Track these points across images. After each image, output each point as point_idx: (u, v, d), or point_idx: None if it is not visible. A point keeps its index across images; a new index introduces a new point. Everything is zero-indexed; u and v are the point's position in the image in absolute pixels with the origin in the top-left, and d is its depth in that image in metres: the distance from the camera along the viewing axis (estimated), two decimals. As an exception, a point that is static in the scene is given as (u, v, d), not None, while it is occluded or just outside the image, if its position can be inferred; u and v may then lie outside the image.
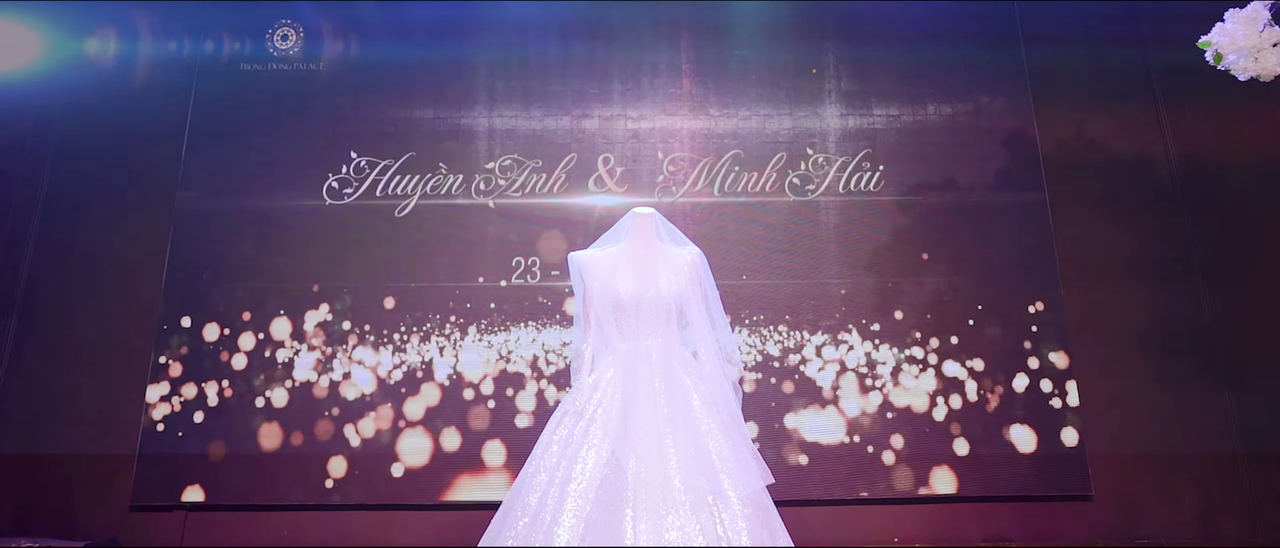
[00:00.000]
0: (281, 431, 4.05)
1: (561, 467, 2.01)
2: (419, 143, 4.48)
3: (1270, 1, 2.56)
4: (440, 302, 4.23)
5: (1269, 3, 2.56)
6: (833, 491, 3.99)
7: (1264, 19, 2.53)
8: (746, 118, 4.56)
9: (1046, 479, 4.00)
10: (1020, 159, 4.47)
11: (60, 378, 4.19)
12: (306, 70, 4.59)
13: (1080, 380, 4.13)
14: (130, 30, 4.69)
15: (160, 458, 4.00)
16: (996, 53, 4.63)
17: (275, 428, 4.06)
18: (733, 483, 1.93)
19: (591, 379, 2.22)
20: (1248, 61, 2.50)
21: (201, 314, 4.20)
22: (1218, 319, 4.26)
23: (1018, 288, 4.27)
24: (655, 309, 2.26)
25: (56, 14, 4.62)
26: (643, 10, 4.69)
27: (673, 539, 1.81)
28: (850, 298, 4.26)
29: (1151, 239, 4.40)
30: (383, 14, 4.70)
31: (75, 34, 4.63)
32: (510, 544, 1.95)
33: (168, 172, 4.47)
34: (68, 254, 4.40)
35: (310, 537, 3.96)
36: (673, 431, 2.00)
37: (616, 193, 4.39)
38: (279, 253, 4.31)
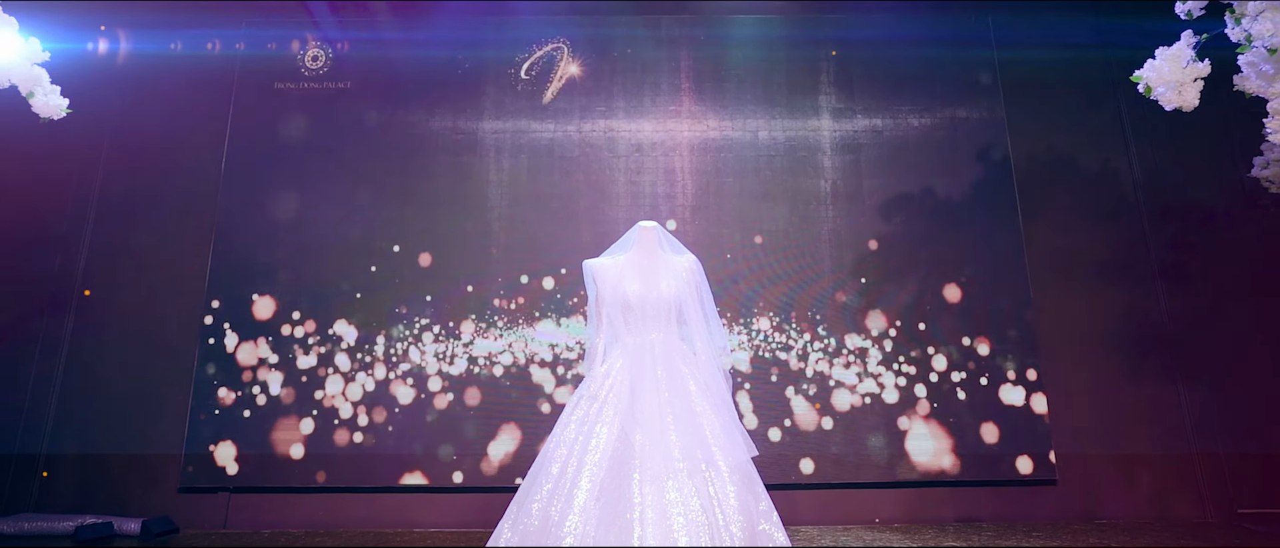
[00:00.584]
0: (314, 420, 4.44)
1: (579, 441, 2.39)
2: (438, 156, 4.86)
3: (1195, 39, 2.94)
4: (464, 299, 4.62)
5: (1194, 40, 2.94)
6: (819, 475, 4.37)
7: (1187, 56, 2.90)
8: (742, 131, 4.94)
9: (1015, 465, 4.37)
10: (994, 171, 4.85)
11: (112, 371, 4.58)
12: (336, 89, 4.97)
13: (1047, 376, 4.51)
14: (172, 52, 5.07)
15: (204, 444, 4.40)
16: (973, 72, 5.00)
17: (308, 418, 4.45)
18: (722, 454, 2.31)
19: (603, 368, 2.59)
20: (1172, 94, 2.87)
21: (241, 313, 4.59)
22: (1174, 320, 4.63)
23: (991, 291, 4.64)
24: (658, 309, 2.64)
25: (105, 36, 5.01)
26: (645, 28, 5.07)
27: (672, 499, 2.19)
28: (838, 300, 4.64)
29: (1115, 245, 4.78)
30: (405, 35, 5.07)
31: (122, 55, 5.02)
32: (537, 505, 2.33)
33: (209, 181, 4.86)
34: (117, 258, 4.80)
35: (342, 518, 4.35)
36: (673, 411, 2.38)
37: (619, 206, 4.77)
38: (314, 260, 4.70)
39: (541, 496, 2.35)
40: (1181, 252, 4.72)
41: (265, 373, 4.51)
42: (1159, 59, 2.94)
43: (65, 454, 4.44)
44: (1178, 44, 2.92)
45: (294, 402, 4.47)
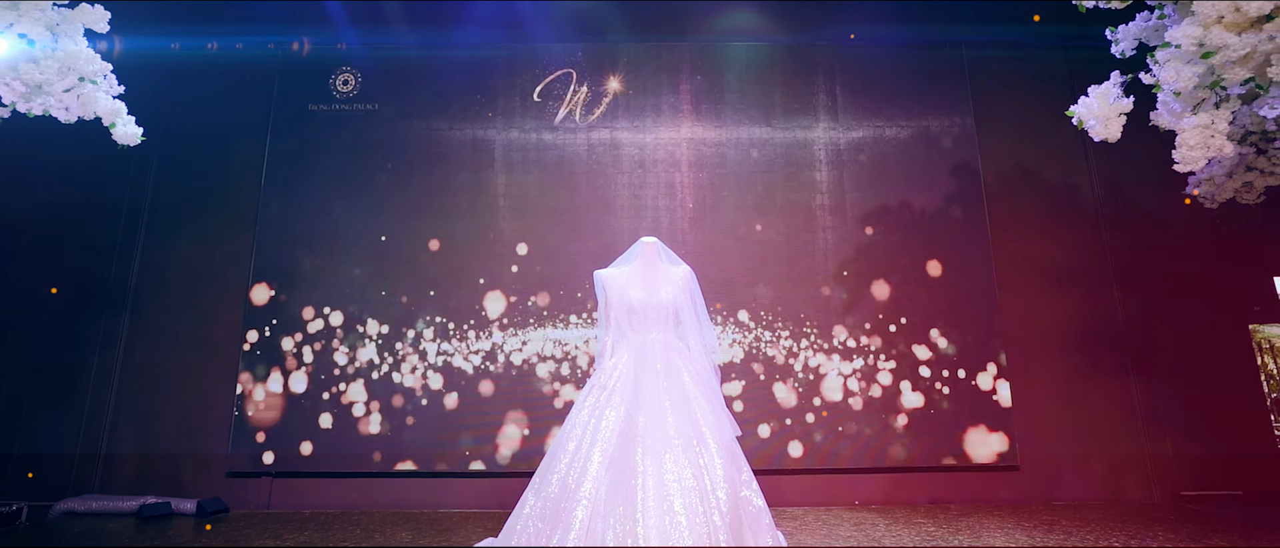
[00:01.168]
0: (348, 411, 4.92)
1: (591, 422, 2.86)
2: (457, 172, 5.34)
3: (1122, 79, 3.40)
4: (482, 304, 5.09)
5: (1121, 80, 3.40)
6: (804, 462, 4.84)
7: (1115, 93, 3.36)
8: (736, 149, 5.40)
9: (981, 453, 4.84)
10: (965, 185, 5.31)
11: (165, 367, 5.06)
12: (364, 110, 5.45)
13: (1012, 372, 4.97)
14: (215, 75, 5.55)
15: (249, 433, 4.88)
16: (946, 93, 5.47)
17: (342, 409, 4.92)
18: (711, 433, 2.77)
19: (612, 363, 3.06)
20: (1100, 127, 3.34)
21: (279, 315, 5.07)
22: (1128, 320, 5.09)
23: (961, 295, 5.11)
24: (658, 312, 3.11)
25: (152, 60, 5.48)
26: (647, 55, 5.54)
27: (669, 470, 2.65)
28: (823, 302, 5.11)
29: (1075, 253, 5.24)
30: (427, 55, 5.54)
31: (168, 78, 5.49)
32: (556, 476, 2.80)
33: (249, 195, 5.34)
34: (167, 265, 5.28)
35: (373, 500, 4.82)
36: (670, 397, 2.84)
37: (624, 218, 5.24)
38: (345, 264, 5.18)
39: (560, 468, 2.83)
40: (1135, 259, 5.19)
41: (301, 368, 4.99)
42: (1091, 97, 3.40)
43: (124, 442, 4.93)
44: (1107, 84, 3.39)
45: (327, 395, 4.94)
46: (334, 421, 4.91)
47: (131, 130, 3.73)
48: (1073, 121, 3.45)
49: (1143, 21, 3.45)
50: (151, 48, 5.41)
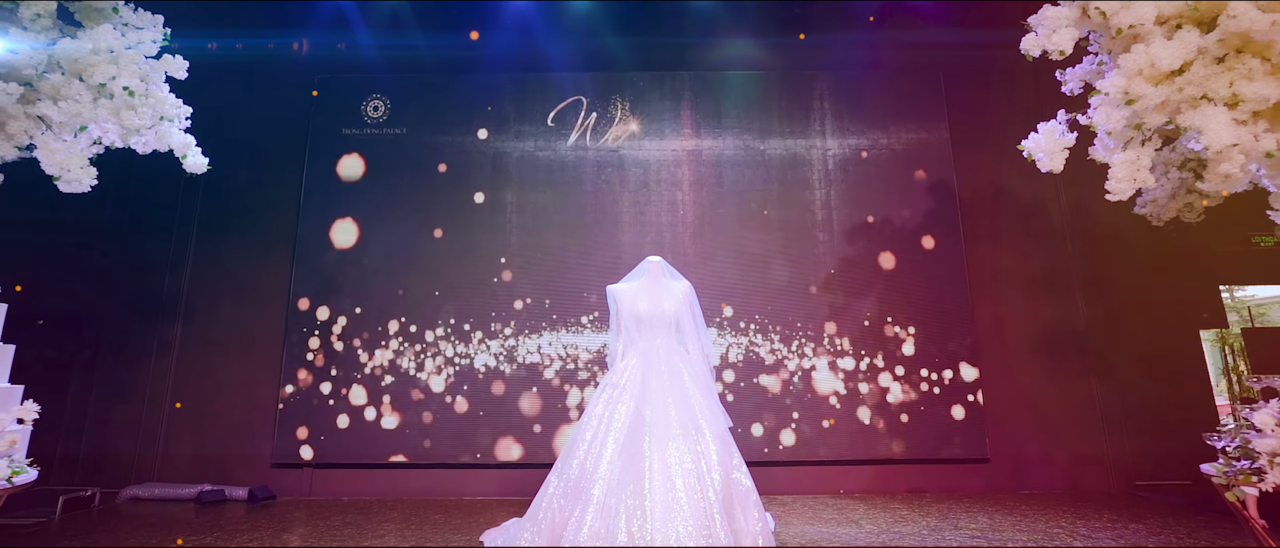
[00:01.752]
0: (379, 407, 5.44)
1: (605, 415, 3.37)
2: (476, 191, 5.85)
3: (1067, 117, 3.90)
4: (502, 310, 5.61)
5: (1066, 118, 3.90)
6: (794, 454, 5.34)
7: (1060, 130, 3.86)
8: (733, 167, 5.91)
9: (954, 446, 5.34)
10: (942, 203, 5.81)
11: (215, 369, 5.59)
12: (395, 135, 5.97)
13: (983, 372, 5.47)
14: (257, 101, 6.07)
15: (291, 428, 5.40)
16: (927, 118, 5.97)
17: (375, 405, 5.44)
18: (707, 424, 3.28)
19: (622, 365, 3.57)
20: (1047, 159, 3.84)
21: (317, 318, 5.59)
22: (1089, 325, 5.59)
23: (938, 303, 5.61)
24: (662, 321, 3.62)
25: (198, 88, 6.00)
26: (651, 84, 6.06)
27: (671, 455, 3.16)
28: (811, 308, 5.61)
29: (1042, 265, 5.74)
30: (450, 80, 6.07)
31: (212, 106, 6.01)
32: (576, 461, 3.31)
33: (289, 210, 5.87)
34: (215, 274, 5.80)
35: (404, 489, 5.33)
36: (672, 394, 3.35)
37: (629, 231, 5.75)
38: (374, 272, 5.70)
39: (579, 454, 3.34)
40: (1097, 270, 5.68)
41: (337, 370, 5.51)
42: (1040, 133, 3.90)
43: (180, 435, 5.46)
44: (1053, 122, 3.89)
45: (361, 394, 5.46)
46: (367, 417, 5.43)
47: (199, 161, 4.24)
48: (1023, 154, 3.95)
49: (1088, 64, 3.95)
50: (198, 77, 5.93)
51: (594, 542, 3.01)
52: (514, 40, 6.08)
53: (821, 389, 5.47)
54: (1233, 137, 2.99)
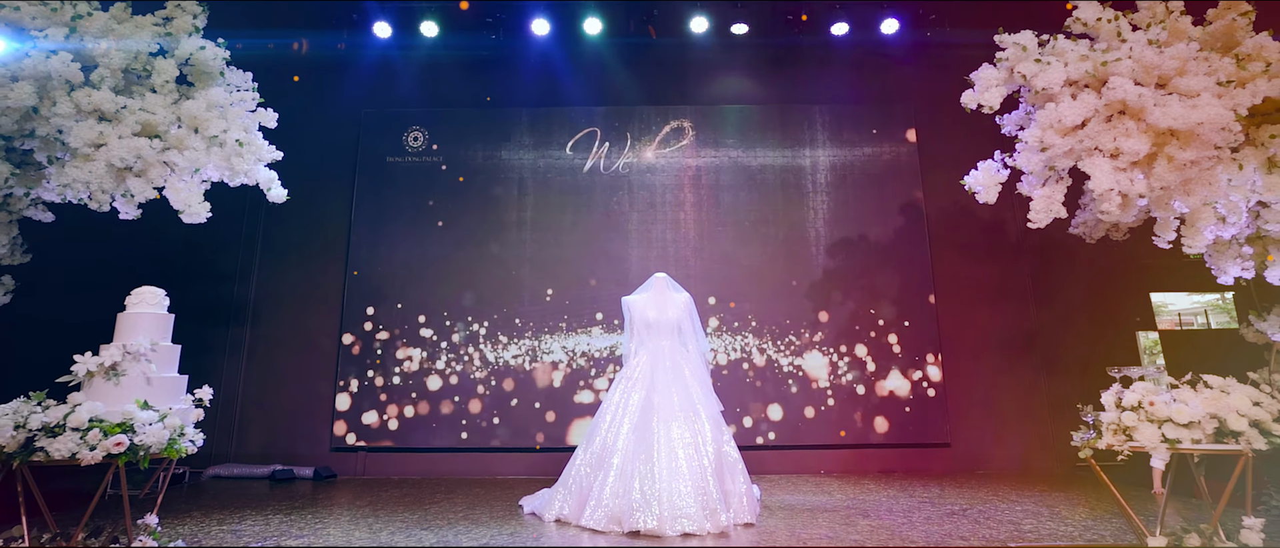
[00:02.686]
0: (422, 399, 6.29)
1: (622, 402, 4.20)
2: (500, 212, 6.71)
3: (1002, 157, 4.71)
4: (526, 314, 6.46)
5: (1001, 158, 4.71)
6: (780, 439, 6.17)
7: (995, 167, 4.68)
8: (730, 190, 6.74)
9: (920, 431, 6.16)
10: (912, 224, 6.63)
11: (280, 363, 6.45)
12: (431, 162, 6.83)
13: (946, 369, 6.29)
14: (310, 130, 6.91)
15: (346, 415, 6.26)
16: (899, 145, 6.78)
17: (418, 396, 6.30)
18: (703, 408, 4.11)
19: (634, 362, 4.40)
20: (985, 193, 4.65)
21: (366, 322, 6.45)
22: (1039, 328, 6.40)
23: (907, 308, 6.43)
24: (667, 326, 4.45)
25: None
26: (657, 117, 6.90)
27: (675, 431, 3.98)
28: (798, 313, 6.44)
29: (999, 275, 6.55)
30: (479, 112, 6.91)
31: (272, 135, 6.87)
32: (598, 439, 4.15)
33: (341, 227, 6.72)
34: (278, 283, 6.66)
35: (444, 469, 6.17)
36: (675, 384, 4.18)
37: (638, 245, 6.59)
38: (417, 282, 6.55)
39: (602, 432, 4.19)
40: (1047, 280, 6.49)
41: (385, 365, 6.36)
42: (979, 171, 4.71)
43: (251, 423, 6.32)
44: (989, 162, 4.70)
45: (405, 385, 6.32)
46: (411, 407, 6.28)
47: (280, 192, 5.08)
48: (965, 188, 4.77)
49: (1021, 111, 4.76)
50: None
51: (614, 500, 3.85)
52: (536, 80, 6.93)
53: (805, 383, 6.30)
54: (1112, 182, 3.81)
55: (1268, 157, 3.97)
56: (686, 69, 7.05)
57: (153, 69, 4.34)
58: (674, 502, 3.76)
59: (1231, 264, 4.36)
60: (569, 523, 4.02)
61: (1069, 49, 4.33)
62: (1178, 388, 3.18)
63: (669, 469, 3.87)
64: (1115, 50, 4.18)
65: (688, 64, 7.05)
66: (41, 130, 3.97)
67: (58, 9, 4.10)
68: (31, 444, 2.86)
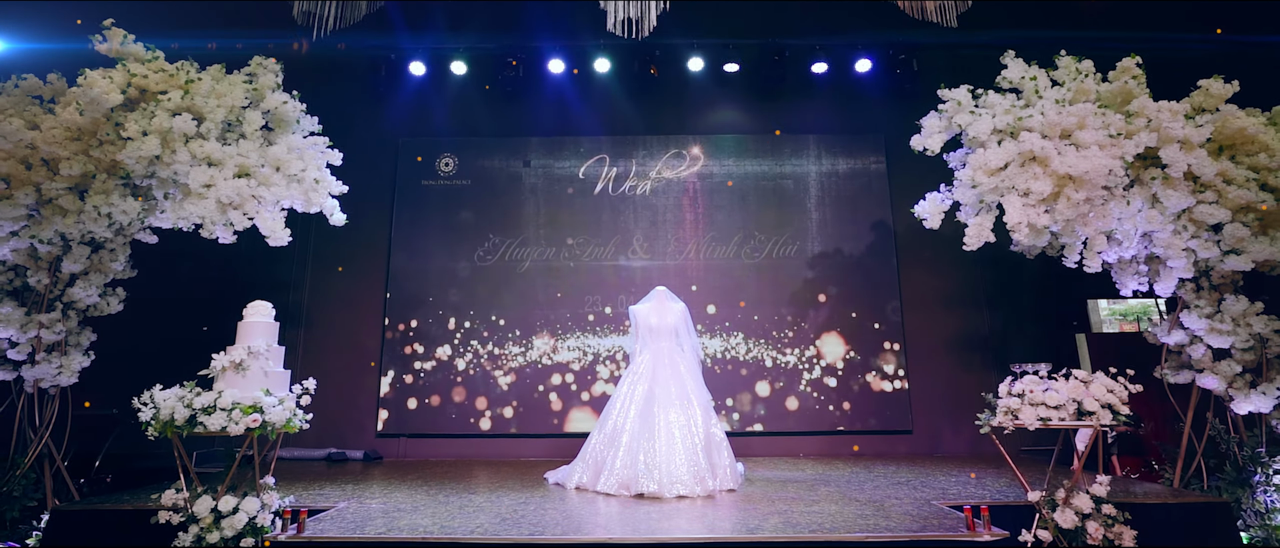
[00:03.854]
0: (454, 392, 7.26)
1: (629, 393, 5.16)
2: (521, 231, 7.67)
3: (946, 190, 5.64)
4: (544, 319, 7.43)
5: (946, 190, 5.64)
6: (766, 427, 7.13)
7: (941, 198, 5.61)
8: (722, 210, 7.70)
9: (886, 420, 7.11)
10: (882, 240, 7.58)
11: (330, 363, 7.42)
12: (461, 185, 7.80)
13: (911, 366, 7.24)
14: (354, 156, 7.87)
15: (388, 406, 7.23)
16: (870, 170, 7.73)
17: (450, 390, 7.26)
18: (695, 398, 5.07)
19: (639, 360, 5.36)
20: (931, 220, 5.59)
21: (406, 327, 7.42)
22: (991, 331, 7.35)
23: (877, 312, 7.38)
24: (666, 330, 5.41)
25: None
26: (659, 146, 7.85)
27: (672, 416, 4.93)
28: (785, 316, 7.39)
29: (957, 284, 7.49)
30: (500, 142, 7.88)
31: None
32: (610, 422, 5.11)
33: (382, 242, 7.69)
34: (327, 293, 7.64)
35: (473, 452, 7.14)
36: (673, 379, 5.13)
37: (642, 260, 7.56)
38: (449, 291, 7.52)
39: (613, 417, 5.16)
40: (999, 290, 7.43)
41: (421, 362, 7.34)
42: (927, 201, 5.65)
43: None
44: (936, 194, 5.63)
45: (438, 379, 7.29)
46: (444, 399, 7.25)
47: (340, 217, 6.04)
48: (915, 215, 5.70)
49: (964, 151, 5.69)
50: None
51: (623, 470, 4.82)
52: (552, 112, 7.90)
53: (788, 378, 7.26)
54: (1022, 216, 4.75)
55: (1151, 194, 4.91)
56: (685, 102, 8.01)
57: (243, 120, 5.30)
58: (670, 471, 4.72)
59: (1130, 279, 5.32)
60: (587, 489, 4.98)
61: (997, 102, 5.27)
62: (1055, 379, 4.12)
63: (667, 446, 4.84)
64: (1032, 106, 5.13)
65: (686, 98, 8.00)
66: (163, 173, 4.93)
67: (174, 74, 5.07)
68: (194, 420, 3.82)
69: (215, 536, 3.70)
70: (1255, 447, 4.77)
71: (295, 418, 4.13)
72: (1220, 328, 4.89)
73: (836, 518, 4.01)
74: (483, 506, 4.48)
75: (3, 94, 5.15)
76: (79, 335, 5.35)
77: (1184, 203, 4.78)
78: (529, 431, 7.21)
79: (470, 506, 4.48)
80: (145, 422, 3.96)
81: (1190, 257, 4.90)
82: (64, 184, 4.90)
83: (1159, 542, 4.08)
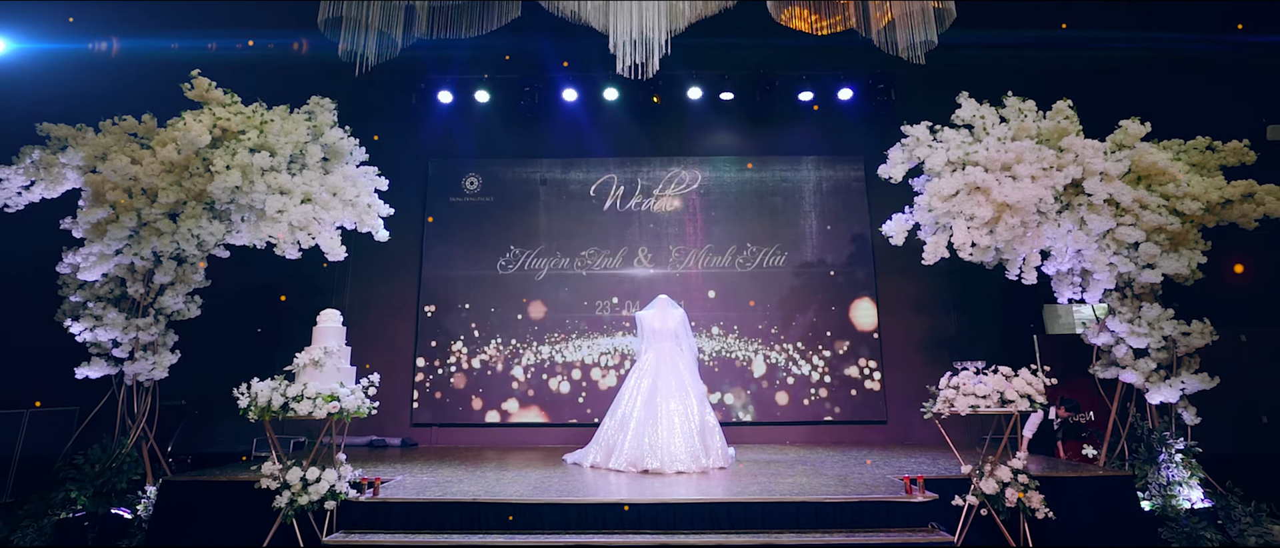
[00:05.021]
0: (478, 386, 8.18)
1: (635, 386, 6.06)
2: (543, 241, 8.59)
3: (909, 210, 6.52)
4: (559, 323, 8.35)
5: (909, 210, 6.52)
6: (756, 417, 8.03)
7: (905, 219, 6.50)
8: (718, 225, 8.60)
9: (864, 412, 8.01)
10: (861, 251, 8.47)
11: (370, 358, 8.33)
12: (485, 201, 8.72)
13: (886, 364, 8.13)
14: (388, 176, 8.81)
15: (421, 399, 8.16)
16: (850, 188, 8.61)
17: (475, 385, 8.19)
18: (692, 390, 5.96)
19: (644, 358, 6.25)
20: (896, 237, 6.47)
21: (434, 327, 8.34)
22: (958, 332, 8.23)
23: (857, 315, 8.27)
24: (667, 332, 6.31)
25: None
26: (662, 167, 8.76)
27: (673, 406, 5.82)
28: (771, 321, 8.29)
29: (928, 290, 8.37)
30: (521, 168, 8.79)
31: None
32: (620, 410, 6.01)
33: (414, 253, 8.61)
34: (368, 296, 8.56)
35: (496, 440, 8.06)
36: (673, 374, 6.03)
37: (647, 269, 8.46)
38: (474, 298, 8.44)
39: (622, 406, 6.08)
40: (965, 297, 8.31)
41: (451, 360, 8.26)
42: (893, 221, 6.53)
43: (350, 406, 8.23)
44: (901, 215, 6.51)
45: (465, 375, 8.21)
46: (470, 393, 8.18)
47: (383, 234, 6.95)
48: (882, 233, 6.57)
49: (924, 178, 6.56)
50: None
51: (631, 450, 5.73)
52: (565, 136, 8.81)
53: (777, 375, 8.16)
54: (966, 238, 5.64)
55: (1080, 217, 5.79)
56: (685, 126, 8.91)
57: (306, 152, 6.22)
58: (671, 451, 5.63)
59: (1065, 288, 6.21)
60: (601, 467, 5.90)
61: (951, 137, 6.16)
62: (984, 375, 5.01)
63: (668, 431, 5.75)
64: (980, 141, 6.01)
65: (686, 122, 8.91)
66: (242, 200, 5.85)
67: (251, 116, 5.99)
68: (286, 406, 4.75)
69: (305, 498, 4.62)
70: (1164, 431, 5.65)
71: (364, 405, 5.02)
72: (1139, 331, 5.77)
73: (806, 487, 4.91)
74: (515, 479, 5.40)
75: (105, 133, 6.07)
76: (166, 336, 6.27)
77: (1106, 225, 5.66)
78: (546, 421, 8.12)
79: (505, 479, 5.40)
80: (244, 408, 4.88)
81: (1113, 270, 5.77)
82: (160, 210, 5.83)
83: (1072, 508, 4.96)
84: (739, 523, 4.32)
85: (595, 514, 4.38)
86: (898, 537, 4.22)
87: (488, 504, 4.48)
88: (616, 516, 4.35)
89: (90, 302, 5.97)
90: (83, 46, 8.06)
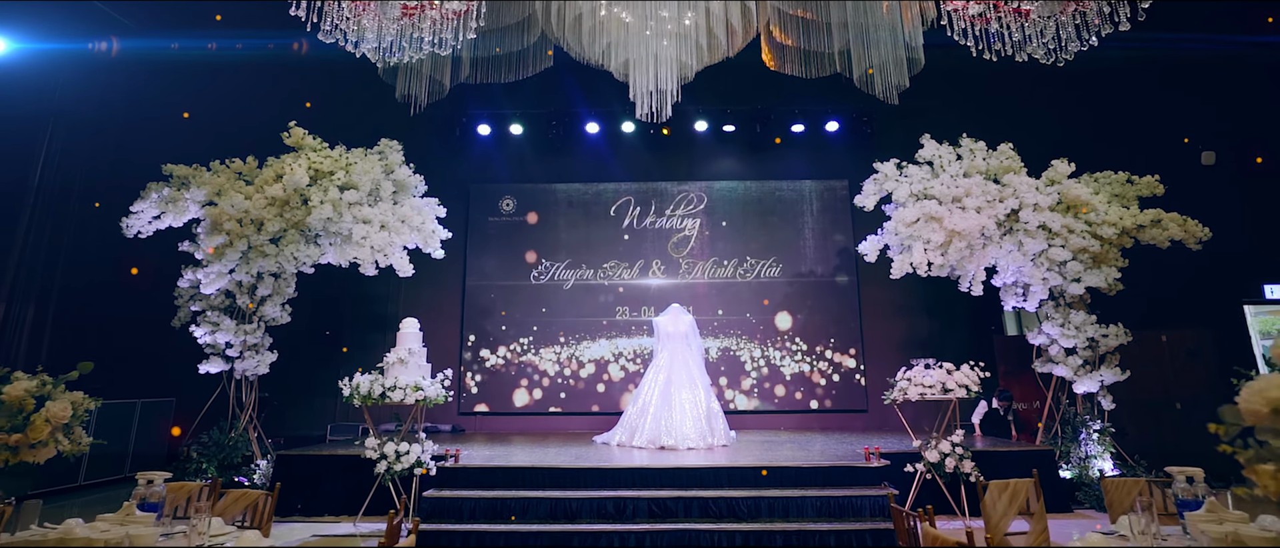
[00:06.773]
0: (515, 380, 9.50)
1: (653, 380, 7.34)
2: (569, 256, 9.89)
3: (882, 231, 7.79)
4: (584, 326, 9.66)
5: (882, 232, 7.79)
6: (754, 407, 9.32)
7: (878, 238, 7.76)
8: (724, 239, 9.88)
9: (848, 402, 9.29)
10: (847, 261, 9.74)
11: (421, 360, 9.68)
12: (518, 221, 10.03)
13: (868, 362, 9.40)
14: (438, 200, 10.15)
15: (467, 392, 9.49)
16: (838, 207, 9.89)
17: (513, 379, 9.51)
18: (700, 382, 7.24)
19: (659, 358, 7.54)
20: (870, 255, 7.73)
21: (476, 330, 9.67)
22: (931, 334, 9.50)
23: (842, 318, 9.54)
24: (679, 336, 7.58)
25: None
26: (671, 187, 10.05)
27: (684, 396, 7.10)
28: (768, 324, 9.57)
29: (905, 296, 9.63)
30: (548, 191, 10.10)
31: (410, 202, 10.10)
32: (641, 399, 7.30)
33: (457, 266, 9.93)
34: (416, 303, 9.86)
35: (528, 427, 9.38)
36: (684, 369, 7.30)
37: (660, 279, 9.77)
38: (510, 304, 9.76)
39: (641, 397, 7.40)
40: (938, 302, 9.57)
41: (490, 358, 9.58)
42: (867, 242, 7.79)
43: (406, 398, 9.58)
44: (873, 236, 7.77)
45: (503, 371, 9.53)
46: (509, 386, 9.50)
47: (439, 252, 8.27)
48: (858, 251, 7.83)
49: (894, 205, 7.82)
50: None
51: (651, 431, 7.03)
52: (588, 163, 10.12)
53: (773, 371, 9.45)
54: (922, 258, 6.90)
55: (1018, 240, 7.04)
56: (693, 154, 10.21)
57: (380, 187, 7.54)
58: (683, 432, 6.93)
59: (1011, 298, 7.46)
60: (625, 445, 7.21)
61: (915, 173, 7.42)
62: (931, 369, 6.27)
63: (680, 416, 7.05)
64: (937, 177, 7.28)
65: (694, 151, 10.20)
66: (332, 228, 7.18)
67: (338, 158, 7.32)
68: (383, 395, 6.07)
69: (399, 465, 5.94)
70: (1086, 415, 6.90)
71: (442, 395, 6.35)
72: (1068, 334, 7.02)
73: (789, 458, 6.20)
74: (557, 454, 6.71)
75: (216, 172, 7.41)
76: (264, 339, 7.61)
77: (1040, 247, 6.91)
78: (573, 410, 9.44)
79: (549, 454, 6.71)
80: (347, 396, 6.21)
81: (1046, 284, 7.03)
82: (265, 237, 7.17)
83: (1000, 475, 6.20)
84: (737, 482, 5.60)
85: (625, 476, 5.68)
86: (858, 491, 5.48)
87: (542, 469, 5.79)
88: (642, 476, 5.64)
89: (208, 311, 7.32)
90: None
